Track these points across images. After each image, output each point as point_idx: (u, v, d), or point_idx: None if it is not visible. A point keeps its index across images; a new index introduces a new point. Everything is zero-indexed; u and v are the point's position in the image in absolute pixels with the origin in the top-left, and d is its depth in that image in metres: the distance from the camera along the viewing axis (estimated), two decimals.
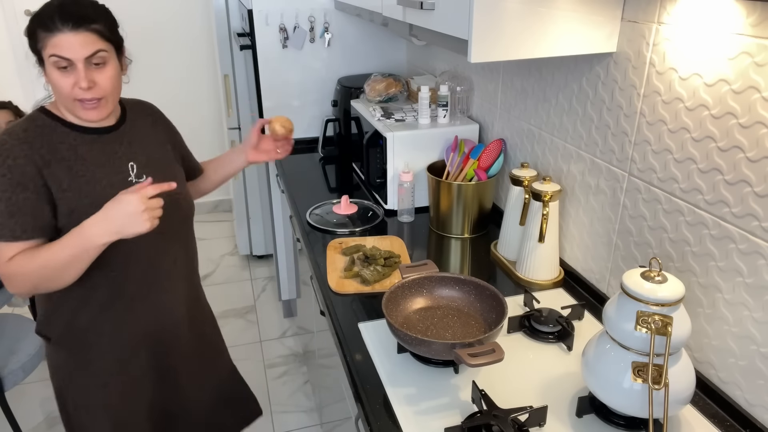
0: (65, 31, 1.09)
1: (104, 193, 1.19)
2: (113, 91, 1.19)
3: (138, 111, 1.37)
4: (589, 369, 0.97)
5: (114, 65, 1.18)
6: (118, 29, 1.23)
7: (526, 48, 1.10)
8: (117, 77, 1.20)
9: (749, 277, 0.95)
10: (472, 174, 1.65)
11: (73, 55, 1.10)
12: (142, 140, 1.33)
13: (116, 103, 1.25)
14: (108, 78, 1.16)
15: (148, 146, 1.33)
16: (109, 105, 1.20)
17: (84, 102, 1.15)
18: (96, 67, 1.14)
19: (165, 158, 1.37)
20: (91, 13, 1.14)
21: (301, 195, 2.00)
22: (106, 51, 1.15)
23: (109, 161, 1.24)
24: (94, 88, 1.14)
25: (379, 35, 2.45)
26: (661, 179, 1.12)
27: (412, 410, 1.03)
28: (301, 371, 2.62)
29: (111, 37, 1.17)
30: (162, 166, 1.34)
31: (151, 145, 1.34)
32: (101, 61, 1.14)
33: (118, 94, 1.23)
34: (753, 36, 0.88)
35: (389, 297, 1.19)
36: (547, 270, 1.40)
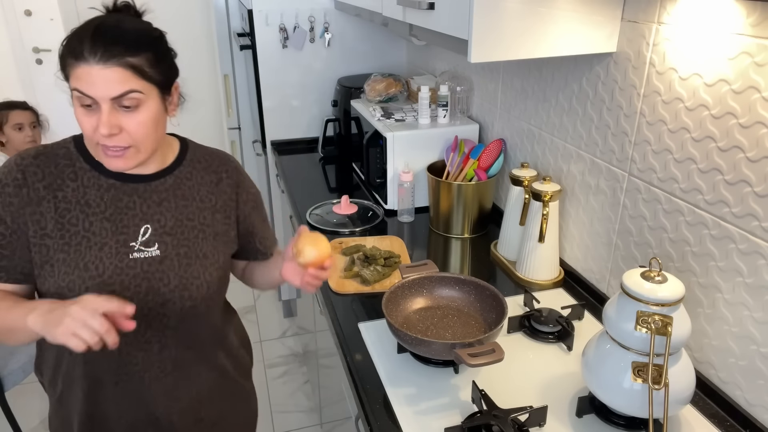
0: (92, 63, 0.89)
1: (89, 253, 1.00)
2: (146, 138, 0.97)
3: (202, 164, 1.12)
4: (589, 369, 0.97)
5: (152, 108, 0.96)
6: (171, 62, 1.01)
7: (526, 48, 1.10)
8: (153, 122, 0.97)
9: (749, 277, 0.95)
10: (472, 174, 1.65)
11: (96, 94, 0.91)
12: (181, 200, 1.08)
13: (152, 150, 1.01)
14: (139, 124, 0.95)
15: (186, 209, 1.08)
16: (141, 154, 0.99)
17: (107, 148, 0.95)
18: (125, 110, 0.93)
19: (202, 228, 1.09)
20: (132, 41, 0.92)
21: (301, 195, 2.00)
22: (142, 92, 0.93)
23: (118, 216, 1.03)
24: (119, 135, 0.94)
25: (379, 35, 2.45)
26: (661, 179, 1.12)
27: (412, 410, 1.03)
28: (301, 371, 2.62)
29: (153, 74, 0.95)
30: (189, 237, 1.07)
31: (191, 208, 1.09)
32: (133, 104, 0.93)
33: (154, 142, 1.00)
34: (753, 36, 0.88)
35: (389, 297, 1.19)
36: (547, 270, 1.40)
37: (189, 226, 1.08)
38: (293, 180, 2.15)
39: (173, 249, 1.06)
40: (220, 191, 1.13)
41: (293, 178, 2.17)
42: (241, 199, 1.16)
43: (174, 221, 1.07)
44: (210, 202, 1.11)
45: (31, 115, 2.41)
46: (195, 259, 1.08)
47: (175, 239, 1.06)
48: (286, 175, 2.21)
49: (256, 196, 1.21)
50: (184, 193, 1.09)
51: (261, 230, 1.21)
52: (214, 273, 1.10)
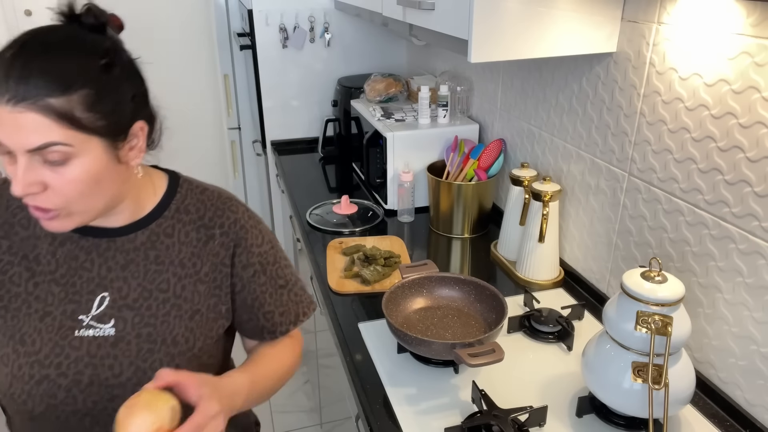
0: (2, 102, 0.66)
1: (28, 323, 0.80)
2: (80, 199, 0.73)
3: (191, 215, 0.88)
4: (589, 369, 0.97)
5: (88, 163, 0.71)
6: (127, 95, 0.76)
7: (526, 48, 1.10)
8: (92, 180, 0.73)
9: (749, 277, 0.95)
10: (472, 174, 1.65)
11: (7, 142, 0.68)
12: (153, 264, 0.85)
13: (100, 211, 0.77)
14: (69, 182, 0.71)
15: (158, 275, 0.85)
16: (79, 216, 0.75)
17: (32, 208, 0.73)
18: (51, 167, 0.70)
19: (177, 303, 0.85)
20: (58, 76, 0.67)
21: (301, 195, 2.00)
22: (69, 145, 0.69)
23: (70, 279, 0.82)
24: (43, 194, 0.71)
25: (379, 35, 2.45)
26: (661, 179, 1.12)
27: (412, 410, 1.03)
28: (301, 371, 2.62)
29: (89, 120, 0.70)
30: (157, 314, 0.84)
31: (165, 275, 0.85)
32: (59, 159, 0.69)
33: (100, 201, 0.76)
34: (753, 36, 0.88)
35: (389, 297, 1.19)
36: (547, 270, 1.40)
37: (160, 299, 0.84)
38: (293, 180, 2.15)
39: (133, 329, 0.83)
40: (209, 254, 0.88)
41: (293, 178, 2.17)
42: (239, 263, 0.90)
43: (140, 291, 0.84)
44: (193, 268, 0.86)
45: None
46: (160, 345, 0.83)
47: (137, 315, 0.83)
48: (286, 175, 2.21)
49: (264, 256, 0.93)
50: (159, 254, 0.85)
51: (268, 302, 0.93)
52: (183, 365, 0.85)
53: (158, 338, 0.84)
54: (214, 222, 0.89)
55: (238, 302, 0.92)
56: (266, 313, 0.94)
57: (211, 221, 0.89)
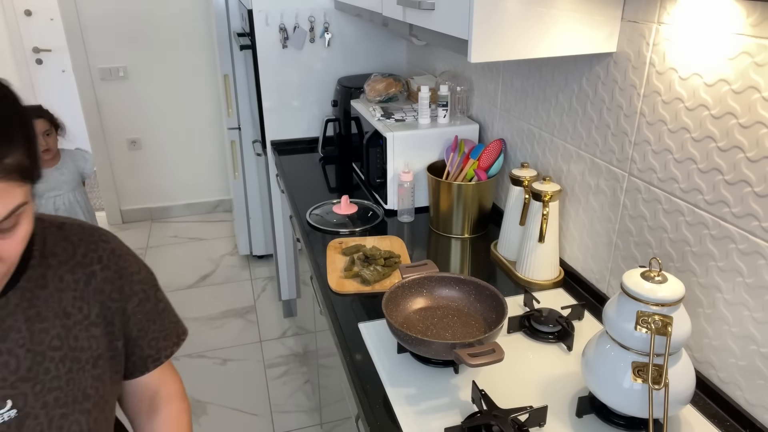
0: None
1: None
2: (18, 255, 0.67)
3: (60, 258, 0.78)
4: (589, 369, 0.97)
5: (30, 213, 0.66)
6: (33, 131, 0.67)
7: (526, 48, 1.10)
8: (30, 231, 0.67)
9: (749, 277, 0.95)
10: (472, 174, 1.65)
11: None
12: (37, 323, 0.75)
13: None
14: (19, 243, 0.66)
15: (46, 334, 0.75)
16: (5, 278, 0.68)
17: None
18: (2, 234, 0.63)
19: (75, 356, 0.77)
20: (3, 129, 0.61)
21: (301, 195, 2.00)
22: (26, 201, 0.64)
23: None
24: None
25: (379, 35, 2.45)
26: (661, 179, 1.12)
27: (412, 410, 1.03)
28: (301, 371, 2.62)
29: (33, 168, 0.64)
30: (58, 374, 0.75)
31: (53, 331, 0.76)
32: (15, 222, 0.64)
33: None
34: (753, 36, 0.88)
35: (389, 297, 1.18)
36: (547, 270, 1.40)
37: (56, 358, 0.75)
38: (293, 180, 2.15)
39: (36, 400, 0.73)
40: (95, 293, 0.79)
41: (293, 178, 2.17)
42: (125, 295, 0.83)
43: (31, 358, 0.73)
44: (81, 313, 0.78)
45: (43, 123, 2.34)
46: (72, 406, 0.76)
47: (37, 385, 0.73)
48: (286, 175, 2.21)
49: (145, 283, 0.87)
50: (39, 311, 0.75)
51: (152, 329, 0.88)
52: (99, 416, 0.79)
53: (68, 399, 0.76)
54: (89, 258, 0.79)
55: (125, 335, 0.84)
56: (151, 341, 0.88)
57: (86, 258, 0.79)
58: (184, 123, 3.93)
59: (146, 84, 3.74)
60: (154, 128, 3.86)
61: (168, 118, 3.87)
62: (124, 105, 3.75)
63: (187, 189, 4.11)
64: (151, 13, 3.60)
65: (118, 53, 3.62)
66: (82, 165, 2.59)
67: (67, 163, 2.53)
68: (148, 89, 3.77)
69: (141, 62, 3.68)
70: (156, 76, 3.75)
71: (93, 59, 3.59)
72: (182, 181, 4.07)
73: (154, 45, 3.67)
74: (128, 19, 3.56)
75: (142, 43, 3.65)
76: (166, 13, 3.62)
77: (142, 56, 3.67)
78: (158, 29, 3.65)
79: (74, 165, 2.55)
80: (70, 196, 2.58)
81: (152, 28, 3.63)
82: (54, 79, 4.61)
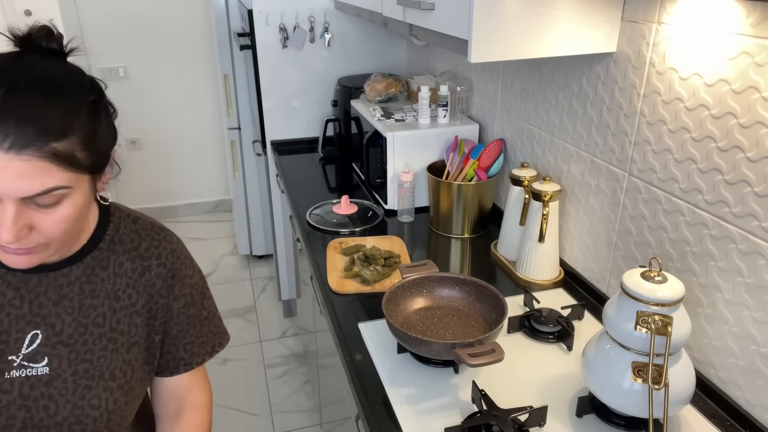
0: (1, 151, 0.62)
1: None
2: (63, 235, 0.72)
3: (126, 246, 0.86)
4: (589, 369, 0.97)
5: (78, 201, 0.71)
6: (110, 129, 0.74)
7: (526, 48, 1.10)
8: (77, 217, 0.72)
9: (749, 277, 0.95)
10: (472, 174, 1.65)
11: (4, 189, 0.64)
12: (89, 298, 0.82)
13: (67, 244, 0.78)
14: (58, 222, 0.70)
15: (94, 310, 0.82)
16: (51, 250, 0.74)
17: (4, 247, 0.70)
18: (41, 208, 0.68)
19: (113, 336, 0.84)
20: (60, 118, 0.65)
21: (301, 195, 2.00)
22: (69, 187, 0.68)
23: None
24: (28, 236, 0.69)
25: (379, 35, 2.45)
26: (661, 179, 1.12)
27: (412, 410, 1.03)
28: (301, 371, 2.62)
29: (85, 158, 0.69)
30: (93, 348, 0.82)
31: (101, 309, 0.83)
32: (53, 201, 0.68)
33: (73, 235, 0.77)
34: (753, 36, 0.88)
35: (389, 297, 1.18)
36: (547, 270, 1.40)
37: (96, 333, 0.82)
38: (293, 180, 2.15)
39: (69, 365, 0.80)
40: (145, 285, 0.86)
41: (293, 178, 2.17)
42: (173, 294, 0.89)
43: (75, 327, 0.81)
44: (129, 299, 0.85)
45: None
46: (97, 380, 0.81)
47: (73, 352, 0.80)
48: (286, 175, 2.21)
49: (196, 288, 0.93)
50: (95, 287, 0.82)
51: (191, 333, 0.93)
52: (120, 398, 0.83)
53: (95, 373, 0.81)
54: (150, 253, 0.87)
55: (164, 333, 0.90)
56: (187, 344, 0.93)
57: (147, 252, 0.87)
58: (184, 123, 3.93)
59: (146, 84, 3.75)
60: (154, 128, 3.86)
61: (168, 118, 3.87)
62: (124, 105, 3.75)
63: (187, 189, 4.11)
64: (151, 13, 3.60)
65: (118, 53, 3.62)
66: None
67: None
68: (148, 89, 3.77)
69: (141, 62, 3.68)
70: (156, 76, 3.75)
71: (93, 59, 3.59)
72: (182, 181, 4.07)
73: (154, 45, 3.67)
74: (128, 19, 3.56)
75: (142, 43, 3.65)
76: (166, 13, 3.62)
77: (142, 56, 3.67)
78: (158, 29, 3.65)
79: None
80: None
81: (152, 28, 3.63)
82: None
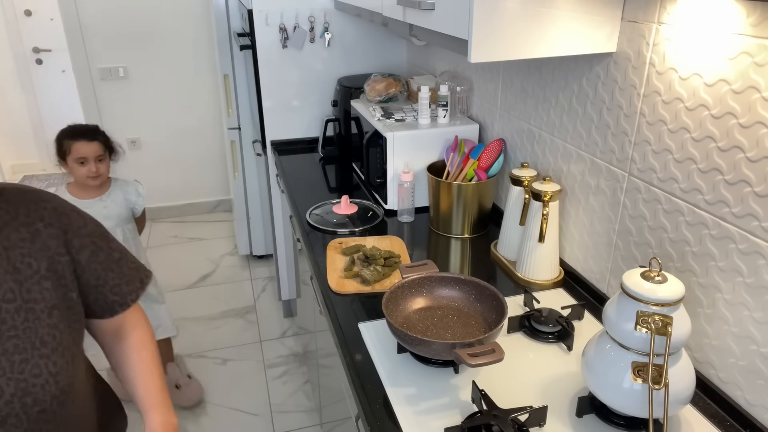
0: None
1: None
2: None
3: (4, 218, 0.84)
4: (589, 369, 0.97)
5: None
6: None
7: (526, 48, 1.10)
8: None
9: (749, 277, 0.95)
10: (472, 174, 1.65)
11: None
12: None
13: None
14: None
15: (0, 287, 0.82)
16: None
17: None
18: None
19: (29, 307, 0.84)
20: None
21: (301, 195, 2.00)
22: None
23: None
24: None
25: (379, 35, 2.45)
26: (661, 179, 1.12)
27: (412, 410, 1.03)
28: (301, 371, 2.62)
29: None
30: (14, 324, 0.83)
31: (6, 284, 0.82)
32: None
33: None
34: (753, 36, 0.88)
35: (389, 297, 1.18)
36: (547, 270, 1.40)
37: (11, 310, 0.82)
38: (293, 180, 2.15)
39: None
40: (41, 249, 0.85)
41: (293, 178, 2.17)
42: (73, 247, 0.90)
43: None
44: (30, 268, 0.84)
45: (96, 147, 2.02)
46: (30, 351, 0.83)
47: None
48: (286, 175, 2.21)
49: (95, 235, 0.94)
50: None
51: (111, 276, 0.96)
52: (59, 360, 0.85)
53: (27, 346, 0.82)
54: (31, 218, 0.86)
55: (83, 285, 0.92)
56: (113, 287, 0.96)
57: (29, 217, 0.86)
58: (184, 123, 3.93)
59: (146, 84, 3.74)
60: (154, 128, 3.86)
61: (168, 118, 3.87)
62: (124, 105, 3.75)
63: (187, 189, 4.11)
64: (151, 13, 3.59)
65: (118, 53, 3.62)
66: (134, 200, 2.22)
67: (116, 195, 2.17)
68: (148, 89, 3.77)
69: (141, 62, 3.68)
70: (156, 76, 3.75)
71: (93, 59, 3.59)
72: (182, 181, 4.07)
73: (154, 45, 3.67)
74: (128, 19, 3.56)
75: (142, 43, 3.65)
76: (166, 13, 3.62)
77: (142, 56, 3.67)
78: (158, 29, 3.65)
79: (124, 198, 2.18)
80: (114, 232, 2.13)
81: (152, 28, 3.63)
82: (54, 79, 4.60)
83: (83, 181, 2.04)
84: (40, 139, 4.72)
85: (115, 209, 2.15)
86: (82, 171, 2.01)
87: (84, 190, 2.09)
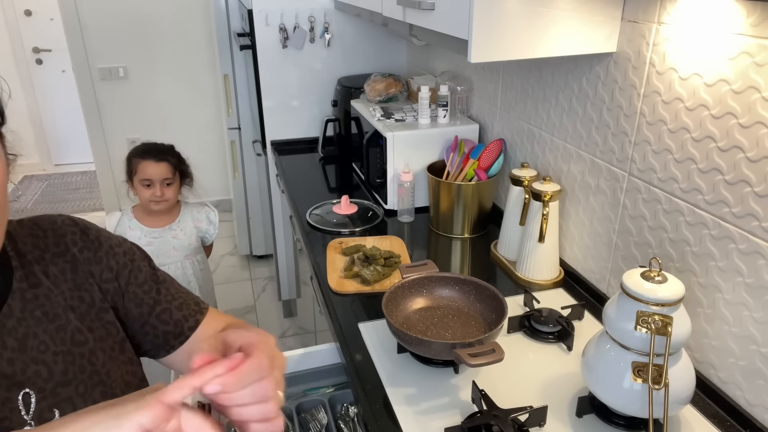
0: None
1: None
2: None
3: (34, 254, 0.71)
4: (589, 369, 0.97)
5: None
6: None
7: (526, 48, 1.10)
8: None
9: (749, 277, 0.95)
10: (472, 174, 1.65)
11: None
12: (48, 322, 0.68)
13: None
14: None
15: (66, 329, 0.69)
16: None
17: None
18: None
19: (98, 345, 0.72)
20: None
21: (301, 195, 2.00)
22: None
23: None
24: None
25: (379, 35, 2.45)
26: (661, 179, 1.12)
27: (412, 410, 1.03)
28: None
29: None
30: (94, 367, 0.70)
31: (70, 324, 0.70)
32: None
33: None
34: (753, 36, 0.88)
35: (389, 297, 1.18)
36: (547, 270, 1.40)
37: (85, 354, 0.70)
38: (293, 180, 2.15)
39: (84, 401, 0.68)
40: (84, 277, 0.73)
41: (293, 178, 2.17)
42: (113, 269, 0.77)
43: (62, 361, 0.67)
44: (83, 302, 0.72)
45: (164, 169, 1.86)
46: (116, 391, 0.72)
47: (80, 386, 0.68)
48: (286, 175, 2.21)
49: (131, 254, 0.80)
50: (46, 310, 0.68)
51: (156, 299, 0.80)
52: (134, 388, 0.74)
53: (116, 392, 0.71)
54: (62, 247, 0.74)
55: (122, 316, 0.77)
56: (160, 313, 0.80)
57: (58, 246, 0.73)
58: (184, 123, 3.93)
59: (146, 84, 3.74)
60: (154, 128, 3.86)
61: (168, 117, 3.87)
62: (124, 105, 3.75)
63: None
64: (151, 13, 3.59)
65: (118, 53, 3.61)
66: (205, 228, 2.06)
67: (185, 223, 1.99)
68: (148, 89, 3.77)
69: (141, 62, 3.68)
70: (156, 76, 3.75)
71: (93, 59, 3.59)
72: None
73: (154, 45, 3.67)
74: (128, 19, 3.56)
75: (142, 43, 3.65)
76: (166, 13, 3.62)
77: (142, 56, 3.67)
78: (158, 29, 3.65)
79: (194, 226, 2.02)
80: (182, 265, 2.01)
81: (152, 28, 3.63)
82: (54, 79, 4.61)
83: (147, 205, 1.90)
84: (40, 139, 4.72)
85: (185, 239, 1.97)
86: (146, 194, 1.87)
87: (150, 216, 1.95)
